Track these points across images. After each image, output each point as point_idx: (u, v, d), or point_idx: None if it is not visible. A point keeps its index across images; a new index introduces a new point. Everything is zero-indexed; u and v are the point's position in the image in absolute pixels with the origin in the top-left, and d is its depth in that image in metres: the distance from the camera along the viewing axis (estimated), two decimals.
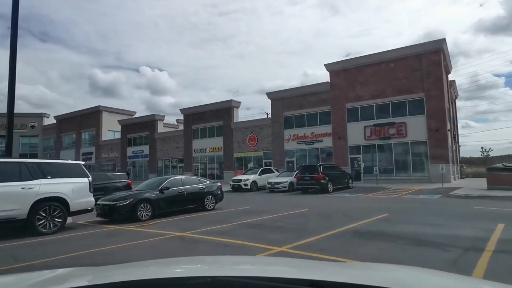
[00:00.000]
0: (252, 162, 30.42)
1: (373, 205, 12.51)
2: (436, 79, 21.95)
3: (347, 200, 15.06)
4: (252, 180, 22.62)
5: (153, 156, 37.78)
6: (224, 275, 1.33)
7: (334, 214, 10.12)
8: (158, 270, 1.64)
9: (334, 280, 1.29)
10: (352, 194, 17.58)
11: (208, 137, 33.60)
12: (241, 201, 15.98)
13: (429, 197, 14.62)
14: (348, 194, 17.73)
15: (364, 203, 13.28)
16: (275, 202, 15.22)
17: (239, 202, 15.49)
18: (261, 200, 16.56)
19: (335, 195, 17.37)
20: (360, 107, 24.91)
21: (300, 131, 27.49)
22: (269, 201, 15.61)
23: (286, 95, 28.43)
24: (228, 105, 32.23)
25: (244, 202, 15.03)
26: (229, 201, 15.54)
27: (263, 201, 15.76)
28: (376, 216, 9.28)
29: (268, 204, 14.45)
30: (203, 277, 1.32)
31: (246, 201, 16.01)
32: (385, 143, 23.76)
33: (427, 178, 21.96)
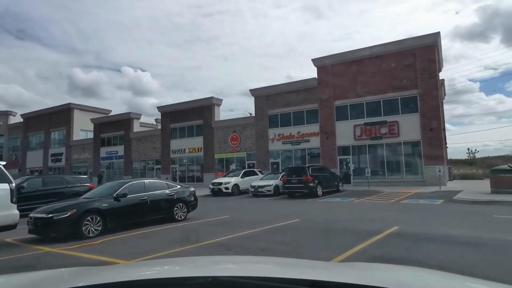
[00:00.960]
0: (234, 164, 28.40)
1: (373, 213, 10.74)
2: (430, 75, 20.62)
3: (341, 206, 13.27)
4: (234, 183, 20.62)
5: (128, 157, 35.16)
6: (225, 275, 1.34)
7: (332, 227, 8.25)
8: (159, 270, 1.66)
9: (336, 280, 1.30)
10: (344, 198, 15.85)
11: (188, 137, 31.35)
12: (219, 208, 13.96)
13: (431, 203, 13.03)
14: (340, 198, 15.98)
15: (362, 211, 11.52)
16: (259, 209, 13.28)
17: (217, 209, 13.46)
18: (243, 206, 14.57)
19: (326, 200, 15.59)
20: (350, 105, 23.35)
21: (286, 131, 25.70)
22: (252, 208, 13.65)
23: (271, 92, 26.59)
24: (209, 103, 30.12)
25: (223, 210, 13.01)
26: (206, 208, 13.49)
27: (245, 208, 13.78)
28: (386, 229, 7.47)
29: (250, 212, 12.48)
30: (204, 277, 1.31)
31: (226, 208, 13.99)
32: (376, 143, 22.27)
33: (421, 180, 20.56)
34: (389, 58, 22.02)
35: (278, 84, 26.36)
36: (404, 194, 16.41)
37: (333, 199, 15.82)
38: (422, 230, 7.41)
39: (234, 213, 12.03)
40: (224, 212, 12.25)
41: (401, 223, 8.35)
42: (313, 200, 15.93)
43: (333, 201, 15.27)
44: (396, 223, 8.26)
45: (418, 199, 14.14)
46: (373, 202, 14.10)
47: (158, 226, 9.03)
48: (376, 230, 7.34)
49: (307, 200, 15.75)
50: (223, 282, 1.24)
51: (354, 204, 13.62)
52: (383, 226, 7.88)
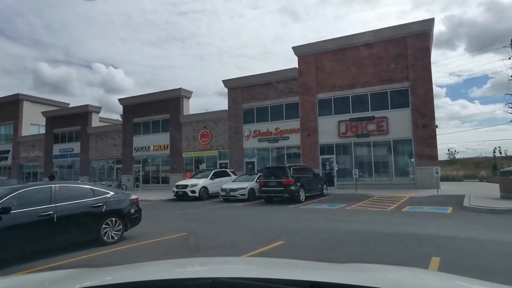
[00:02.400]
0: (205, 163, 25.33)
1: (380, 226, 8.15)
2: (423, 66, 18.59)
3: (333, 216, 10.64)
4: (202, 186, 17.62)
5: (85, 155, 31.12)
6: (225, 277, 1.35)
7: (336, 254, 5.53)
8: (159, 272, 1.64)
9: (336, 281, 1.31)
10: (332, 205, 13.29)
11: (153, 133, 27.90)
12: (179, 218, 10.98)
13: (440, 211, 10.68)
14: (327, 205, 13.41)
15: (363, 223, 8.92)
16: (229, 221, 10.41)
17: (175, 220, 10.48)
18: (209, 216, 11.64)
19: (311, 207, 12.96)
20: (334, 98, 20.97)
21: (263, 127, 22.97)
22: (221, 219, 10.75)
23: (246, 83, 23.78)
24: (177, 95, 26.85)
25: (182, 221, 10.06)
26: (161, 218, 10.50)
27: (212, 219, 10.85)
28: (427, 261, 4.82)
29: (217, 225, 9.57)
30: (204, 278, 1.31)
31: (187, 218, 11.02)
32: (362, 141, 20.00)
33: (412, 183, 18.48)
34: (378, 46, 19.84)
35: (255, 75, 23.59)
36: (398, 199, 14.11)
37: (319, 206, 13.22)
38: (476, 265, 4.83)
39: (196, 227, 9.09)
40: (182, 225, 9.30)
41: (442, 249, 5.73)
42: (295, 206, 13.26)
43: (320, 208, 12.65)
44: (434, 249, 5.65)
45: (421, 206, 11.78)
46: (368, 210, 11.60)
47: (73, 254, 5.96)
48: (407, 259, 4.67)
49: (289, 207, 13.05)
50: (223, 283, 1.25)
51: (348, 213, 11.05)
52: (408, 251, 5.24)
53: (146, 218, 9.10)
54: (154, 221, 10.11)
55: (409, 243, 6.21)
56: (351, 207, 12.48)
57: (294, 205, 13.58)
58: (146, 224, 8.40)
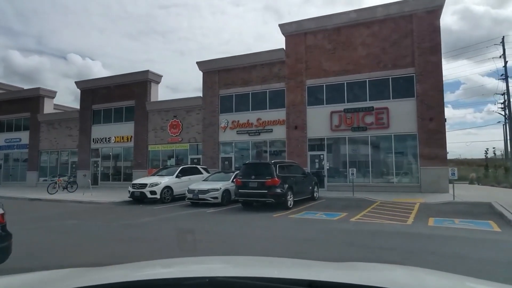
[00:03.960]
0: (174, 159, 21.79)
1: (420, 255, 5.07)
2: (432, 50, 15.88)
3: (340, 235, 7.48)
4: (165, 186, 14.17)
5: (35, 147, 26.75)
6: (223, 276, 1.32)
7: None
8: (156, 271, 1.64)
9: (333, 280, 1.29)
10: (330, 214, 10.21)
11: (114, 122, 24.01)
12: (112, 235, 7.56)
13: (484, 228, 7.77)
14: (323, 213, 10.33)
15: (390, 251, 5.83)
16: (186, 242, 6.99)
17: (101, 240, 7.03)
18: (161, 231, 8.24)
19: (303, 217, 9.82)
20: (326, 86, 17.99)
21: (242, 117, 19.70)
22: (174, 239, 7.32)
23: (225, 66, 20.40)
24: (143, 78, 23.09)
25: (108, 245, 6.64)
26: (84, 234, 7.08)
27: (160, 239, 7.44)
28: None
29: (164, 252, 6.16)
30: (202, 277, 1.28)
31: (125, 235, 7.62)
32: (359, 135, 17.13)
33: (416, 186, 15.77)
34: (379, 26, 16.99)
35: (234, 56, 20.23)
36: (409, 207, 11.27)
37: (313, 215, 10.10)
38: None
39: (131, 251, 5.70)
40: (104, 252, 5.89)
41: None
42: (282, 215, 10.10)
43: (316, 219, 9.53)
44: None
45: (449, 219, 8.88)
46: (381, 223, 8.58)
47: None
48: None
49: (274, 217, 9.86)
50: (220, 282, 1.23)
51: (357, 229, 7.97)
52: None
53: (59, 236, 5.68)
54: (63, 244, 6.65)
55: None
56: (356, 217, 9.44)
57: (281, 213, 10.42)
58: (41, 250, 4.97)
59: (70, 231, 8.14)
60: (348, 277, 1.42)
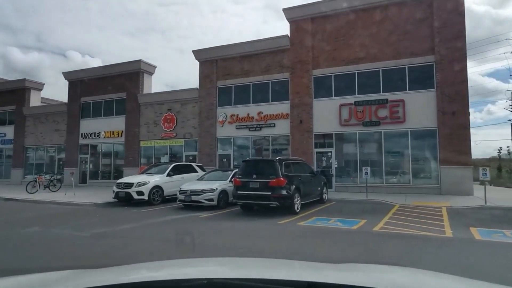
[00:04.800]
0: (168, 155, 20.12)
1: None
2: (455, 35, 14.22)
3: (370, 253, 5.83)
4: (154, 185, 12.52)
5: (20, 142, 25.04)
6: (221, 277, 1.31)
7: None
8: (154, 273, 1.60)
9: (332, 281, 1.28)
10: (346, 221, 8.57)
11: (105, 116, 22.30)
12: (77, 248, 5.88)
13: None
14: (337, 220, 8.67)
15: None
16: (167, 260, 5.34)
17: (58, 256, 5.32)
18: (140, 244, 6.56)
19: (315, 225, 8.17)
20: (335, 76, 16.32)
21: (242, 110, 18.03)
22: (155, 254, 5.62)
23: (223, 54, 18.71)
24: (136, 68, 21.37)
25: (65, 262, 4.91)
26: (32, 250, 5.41)
27: (139, 255, 5.73)
28: None
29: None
30: (199, 279, 1.25)
31: (91, 250, 5.92)
32: (371, 130, 15.48)
33: (435, 187, 14.14)
34: (394, 9, 15.32)
35: (234, 44, 18.52)
36: (435, 212, 9.67)
37: (326, 222, 8.45)
38: None
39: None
40: None
41: None
42: (289, 222, 8.46)
43: (330, 228, 7.87)
44: None
45: (499, 230, 7.25)
46: (412, 234, 6.94)
47: None
48: None
49: (279, 225, 8.21)
50: (218, 284, 1.21)
51: (387, 244, 6.32)
52: None
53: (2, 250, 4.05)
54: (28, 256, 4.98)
55: None
56: (379, 226, 7.80)
57: (287, 219, 8.78)
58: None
59: (23, 243, 6.47)
60: (347, 278, 1.40)
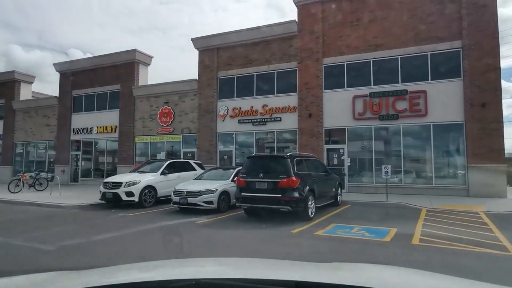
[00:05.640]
0: (165, 152, 18.62)
1: None
2: (485, 18, 12.67)
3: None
4: (146, 185, 11.02)
5: (9, 138, 23.60)
6: (209, 278, 1.30)
7: None
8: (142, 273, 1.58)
9: (320, 281, 1.28)
10: (373, 230, 7.05)
11: (97, 110, 20.82)
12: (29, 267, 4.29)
13: None
14: (363, 229, 7.16)
15: None
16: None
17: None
18: (117, 261, 5.05)
19: (336, 235, 6.64)
20: (348, 65, 14.78)
21: (245, 103, 16.51)
22: None
23: (225, 42, 17.18)
24: (130, 59, 19.86)
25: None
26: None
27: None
28: None
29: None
30: (188, 279, 1.24)
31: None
32: (388, 125, 13.96)
33: (462, 188, 12.61)
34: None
35: (236, 31, 16.99)
36: (473, 219, 8.20)
37: (349, 232, 6.92)
38: None
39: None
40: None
41: None
42: (305, 231, 6.95)
43: (358, 240, 6.33)
44: None
45: None
46: (464, 251, 5.44)
47: None
48: None
49: (293, 234, 6.71)
50: (207, 284, 1.20)
51: (441, 265, 4.79)
52: None
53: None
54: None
55: None
56: (417, 238, 6.29)
57: (301, 227, 7.28)
58: None
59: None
60: (334, 277, 1.40)
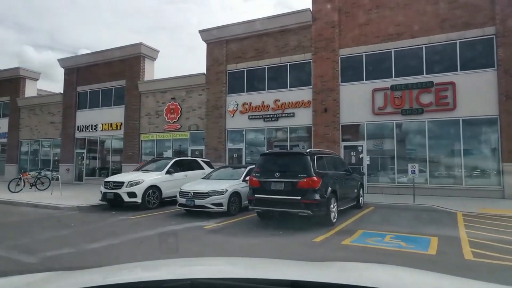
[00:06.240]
0: (171, 150, 17.80)
1: None
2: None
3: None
4: (149, 185, 10.15)
5: (15, 136, 23.10)
6: (204, 277, 1.30)
7: None
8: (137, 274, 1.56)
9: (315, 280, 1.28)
10: (409, 239, 6.02)
11: (102, 106, 20.12)
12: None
13: None
14: (397, 238, 6.14)
15: None
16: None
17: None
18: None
19: (369, 246, 5.62)
20: (367, 56, 13.70)
21: (256, 98, 15.55)
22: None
23: (234, 34, 16.24)
24: (136, 53, 19.07)
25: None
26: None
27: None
28: None
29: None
30: (183, 279, 1.23)
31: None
32: (412, 120, 12.85)
33: (496, 189, 11.45)
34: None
35: (247, 21, 16.03)
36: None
37: (380, 241, 5.90)
38: None
39: None
40: None
41: None
42: (329, 239, 5.96)
43: (396, 253, 5.29)
44: None
45: None
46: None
47: None
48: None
49: (315, 243, 5.73)
50: (202, 284, 1.20)
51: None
52: None
53: None
54: None
55: None
56: (466, 251, 5.28)
57: (324, 234, 6.30)
58: None
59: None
60: (329, 276, 1.41)
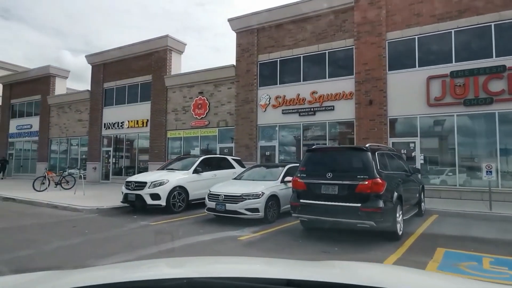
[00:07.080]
0: (199, 148, 16.75)
1: None
2: None
3: None
4: (175, 186, 9.02)
5: (45, 134, 23.07)
6: (201, 277, 1.31)
7: None
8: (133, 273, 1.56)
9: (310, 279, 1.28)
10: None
11: (128, 103, 19.47)
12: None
13: None
14: (497, 262, 4.50)
15: None
16: None
17: None
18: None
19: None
20: (419, 38, 11.88)
21: (290, 91, 14.12)
22: None
23: (266, 21, 14.89)
24: (162, 46, 18.20)
25: None
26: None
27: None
28: None
29: None
30: (179, 278, 1.25)
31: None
32: (477, 111, 10.91)
33: None
34: None
35: (279, 7, 14.61)
36: None
37: (481, 269, 4.28)
38: None
39: None
40: None
41: None
42: (401, 262, 4.37)
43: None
44: None
45: None
46: None
47: None
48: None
49: (390, 269, 4.20)
50: (198, 283, 1.20)
51: None
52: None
53: None
54: None
55: None
56: None
57: (393, 255, 4.81)
58: None
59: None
60: (325, 275, 1.41)
